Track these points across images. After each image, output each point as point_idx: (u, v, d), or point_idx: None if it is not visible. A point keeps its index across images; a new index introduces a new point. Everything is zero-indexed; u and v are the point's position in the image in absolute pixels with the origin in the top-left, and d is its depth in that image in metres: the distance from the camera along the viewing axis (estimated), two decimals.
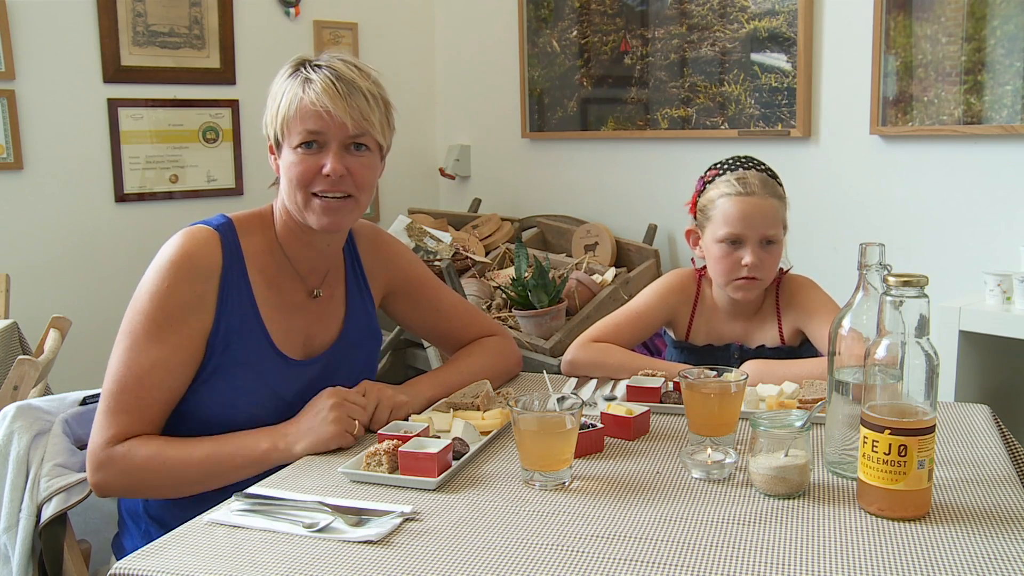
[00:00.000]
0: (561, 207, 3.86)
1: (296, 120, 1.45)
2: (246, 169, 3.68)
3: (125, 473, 1.37)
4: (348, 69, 1.47)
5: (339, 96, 1.44)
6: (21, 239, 3.16)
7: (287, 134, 1.47)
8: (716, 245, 1.81)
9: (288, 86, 1.48)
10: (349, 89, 1.45)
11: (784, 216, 1.83)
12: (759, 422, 1.25)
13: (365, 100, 1.46)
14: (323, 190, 1.47)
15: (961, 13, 2.71)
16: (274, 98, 1.49)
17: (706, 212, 1.85)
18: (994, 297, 2.51)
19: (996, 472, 1.29)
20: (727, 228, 1.78)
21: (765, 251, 1.79)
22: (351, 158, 1.47)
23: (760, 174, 1.83)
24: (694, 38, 3.40)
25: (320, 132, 1.45)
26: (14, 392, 1.90)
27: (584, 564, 1.03)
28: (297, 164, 1.46)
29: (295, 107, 1.45)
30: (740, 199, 1.78)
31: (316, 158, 1.46)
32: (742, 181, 1.80)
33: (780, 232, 1.81)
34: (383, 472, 1.28)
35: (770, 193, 1.80)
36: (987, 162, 2.75)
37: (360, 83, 1.47)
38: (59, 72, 3.21)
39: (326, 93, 1.44)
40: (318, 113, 1.44)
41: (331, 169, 1.45)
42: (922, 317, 1.14)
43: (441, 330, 1.82)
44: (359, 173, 1.48)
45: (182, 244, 1.45)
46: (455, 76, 4.26)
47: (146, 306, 1.41)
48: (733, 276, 1.80)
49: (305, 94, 1.45)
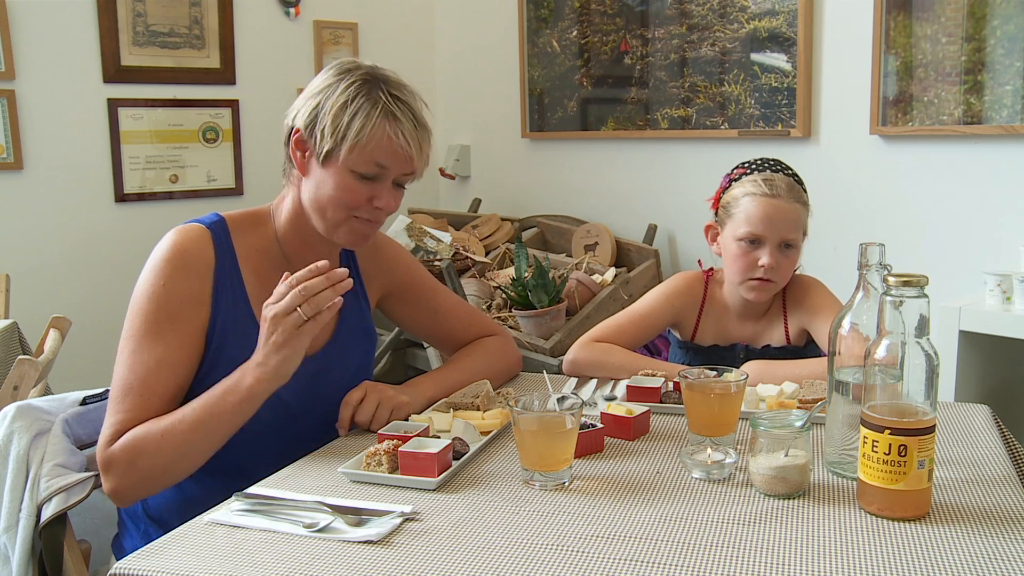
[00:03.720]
0: (561, 207, 3.86)
1: (374, 151, 1.43)
2: (246, 169, 3.69)
3: (128, 464, 1.35)
4: (419, 108, 1.49)
5: (418, 143, 1.46)
6: (21, 239, 3.16)
7: (350, 156, 1.43)
8: (735, 243, 1.81)
9: (364, 106, 1.43)
10: (425, 134, 1.48)
11: (805, 222, 1.83)
12: (759, 422, 1.25)
13: (430, 145, 1.50)
14: (367, 217, 1.49)
15: (961, 13, 2.71)
16: (337, 106, 1.43)
17: (728, 209, 1.84)
18: (994, 297, 2.51)
19: (996, 472, 1.29)
20: (748, 227, 1.78)
21: (783, 254, 1.79)
22: (396, 191, 1.50)
23: (787, 178, 1.82)
24: (694, 38, 3.40)
25: (388, 168, 1.46)
26: (14, 392, 1.90)
27: (584, 564, 1.03)
28: (352, 189, 1.46)
29: (378, 138, 1.43)
30: (764, 200, 1.78)
31: (370, 187, 1.47)
32: (769, 182, 1.80)
33: (799, 237, 1.81)
34: (383, 472, 1.28)
35: (795, 198, 1.80)
36: (987, 162, 2.74)
37: (429, 126, 1.50)
38: (59, 72, 3.21)
39: (412, 138, 1.45)
40: (399, 155, 1.45)
41: (385, 204, 1.48)
42: (922, 317, 1.14)
43: (440, 331, 1.82)
44: (397, 205, 1.52)
45: (175, 241, 1.45)
46: (455, 76, 4.26)
47: (145, 306, 1.41)
48: (748, 275, 1.80)
49: (392, 132, 1.43)
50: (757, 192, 1.79)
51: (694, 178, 3.47)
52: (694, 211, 3.51)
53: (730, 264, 1.84)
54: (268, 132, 3.57)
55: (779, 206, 1.78)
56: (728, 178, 1.89)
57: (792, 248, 1.80)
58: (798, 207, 1.80)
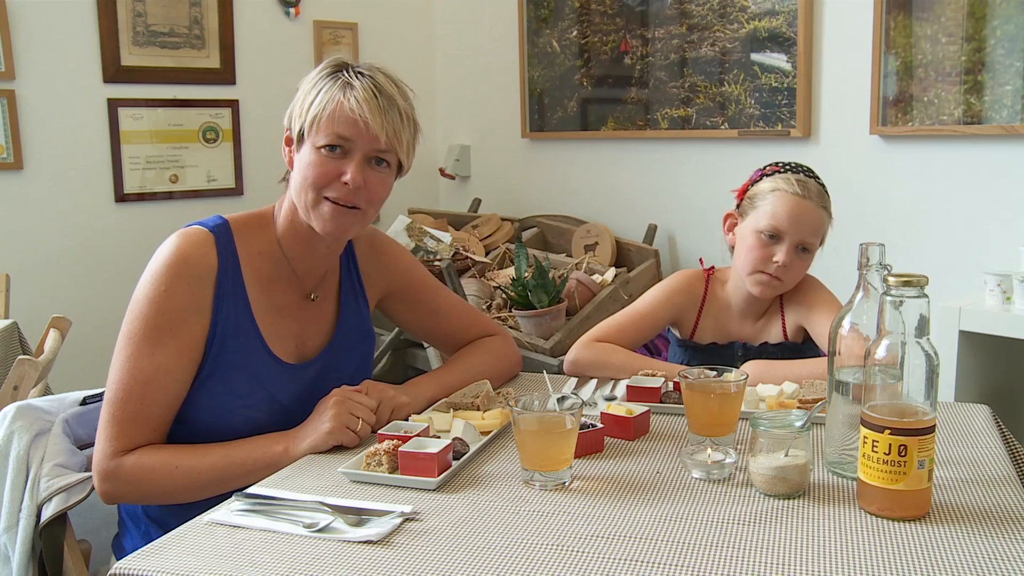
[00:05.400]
0: (561, 207, 3.86)
1: (329, 121, 1.44)
2: (246, 169, 3.69)
3: (134, 483, 1.37)
4: (389, 84, 1.48)
5: (378, 109, 1.44)
6: (21, 239, 3.16)
7: (314, 132, 1.45)
8: (754, 234, 1.82)
9: (326, 85, 1.46)
10: (388, 103, 1.45)
11: (825, 232, 1.85)
12: (759, 422, 1.25)
13: (400, 118, 1.47)
14: (336, 197, 1.46)
15: (961, 13, 2.71)
16: (307, 93, 1.47)
17: (754, 201, 1.85)
18: (994, 297, 2.51)
19: (996, 472, 1.29)
20: (772, 221, 1.79)
21: (798, 256, 1.81)
22: (371, 171, 1.47)
23: (819, 186, 1.84)
24: (694, 38, 3.40)
25: (349, 139, 1.44)
26: (14, 392, 1.90)
27: (584, 564, 1.03)
28: (317, 165, 1.45)
29: (331, 108, 1.43)
30: (794, 198, 1.80)
31: (338, 163, 1.45)
32: (801, 184, 1.81)
33: (816, 244, 1.83)
34: (383, 472, 1.28)
35: (822, 204, 1.82)
36: (987, 162, 2.74)
37: (399, 101, 1.47)
38: (59, 72, 3.21)
39: (366, 103, 1.43)
40: (354, 120, 1.43)
41: (351, 179, 1.44)
42: (922, 317, 1.14)
43: (440, 332, 1.82)
44: (374, 188, 1.48)
45: (177, 247, 1.44)
46: (455, 76, 4.26)
47: (145, 311, 1.41)
48: (759, 268, 1.81)
49: (345, 99, 1.43)
50: (788, 190, 1.80)
51: (694, 178, 3.47)
52: (694, 211, 3.51)
53: (744, 254, 1.84)
54: (268, 132, 3.56)
55: (807, 207, 1.79)
56: (760, 172, 1.90)
57: (807, 253, 1.82)
58: (823, 214, 1.82)
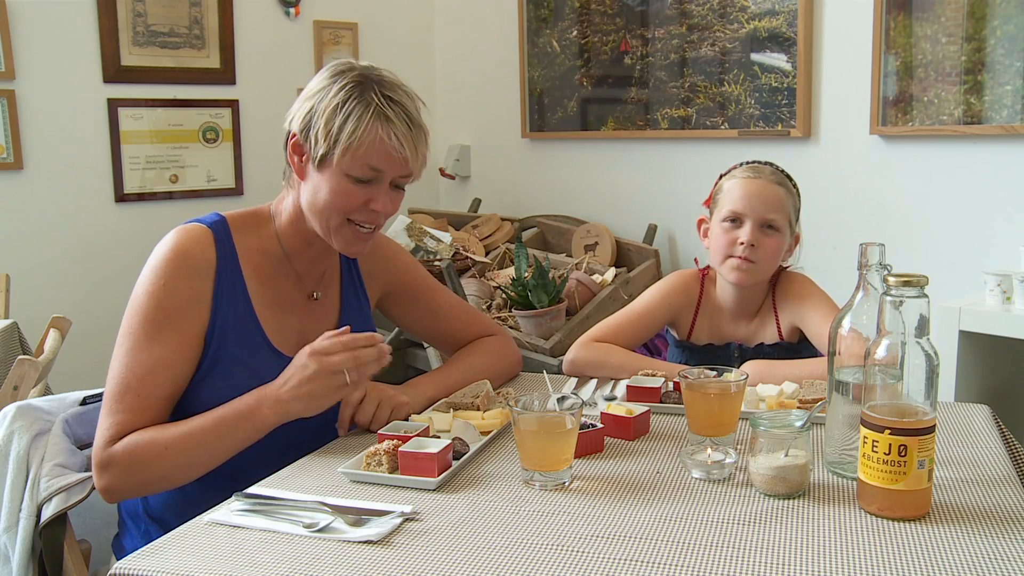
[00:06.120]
0: (561, 207, 3.86)
1: (366, 154, 1.42)
2: (246, 169, 3.68)
3: (128, 469, 1.36)
4: (414, 107, 1.47)
5: (413, 143, 1.44)
6: (21, 239, 3.16)
7: (346, 160, 1.42)
8: (718, 225, 1.85)
9: (357, 109, 1.41)
10: (419, 134, 1.46)
11: (789, 209, 1.85)
12: (759, 422, 1.25)
13: (425, 143, 1.48)
14: (362, 221, 1.48)
15: (961, 13, 2.71)
16: (330, 110, 1.42)
17: (716, 199, 1.90)
18: (994, 297, 2.51)
19: (996, 472, 1.29)
20: (729, 206, 1.84)
21: (764, 235, 1.81)
22: (393, 194, 1.49)
23: (776, 170, 1.88)
24: (694, 38, 3.40)
25: (383, 171, 1.45)
26: (14, 392, 1.90)
27: (584, 564, 1.03)
28: (347, 194, 1.45)
29: (369, 141, 1.41)
30: (746, 181, 1.84)
31: (366, 191, 1.46)
32: (753, 169, 1.87)
33: (781, 220, 1.83)
34: (383, 472, 1.28)
35: (776, 181, 1.84)
36: (987, 162, 2.74)
37: (424, 126, 1.48)
38: (59, 72, 3.21)
39: (405, 139, 1.43)
40: (393, 157, 1.43)
41: (381, 207, 1.46)
42: (922, 317, 1.14)
43: (440, 331, 1.82)
44: (395, 208, 1.50)
45: (176, 241, 1.45)
46: (455, 76, 4.26)
47: (144, 305, 1.41)
48: (728, 253, 1.82)
49: (385, 134, 1.41)
50: (740, 176, 1.86)
51: (694, 178, 3.47)
52: (694, 211, 3.49)
53: (714, 248, 1.87)
54: (268, 132, 3.57)
55: (758, 184, 1.83)
56: (720, 176, 1.94)
57: (775, 231, 1.82)
58: (779, 189, 1.84)
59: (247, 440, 1.39)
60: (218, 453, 1.38)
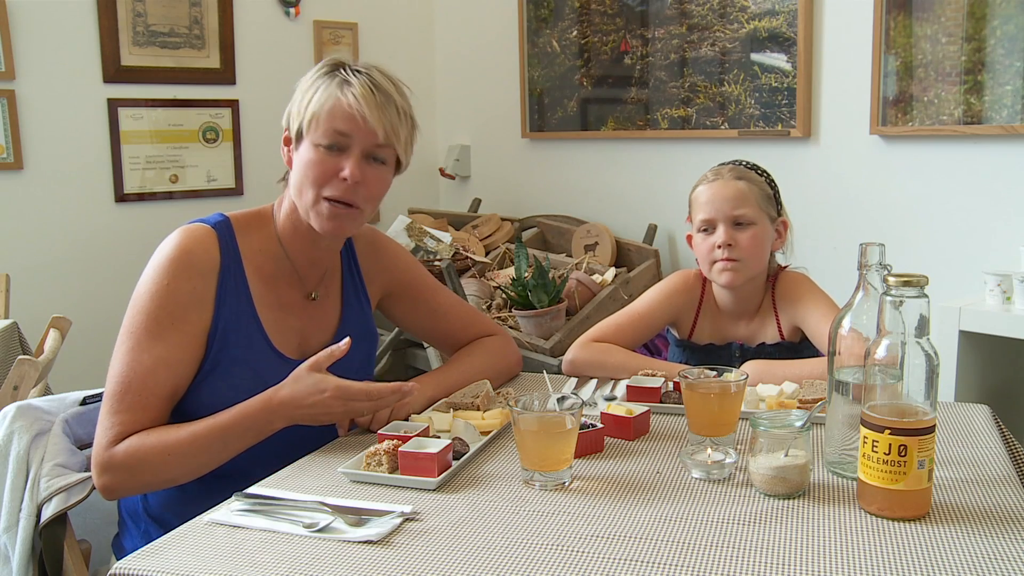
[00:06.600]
0: (561, 207, 3.86)
1: (327, 119, 1.45)
2: (246, 169, 3.69)
3: (129, 472, 1.36)
4: (386, 81, 1.49)
5: (375, 105, 1.45)
6: (21, 239, 3.16)
7: (312, 130, 1.46)
8: (698, 235, 1.87)
9: (324, 83, 1.47)
10: (385, 99, 1.47)
11: (758, 199, 1.83)
12: (759, 422, 1.25)
13: (397, 114, 1.48)
14: (335, 195, 1.47)
15: (961, 13, 2.71)
16: (304, 92, 1.49)
17: (691, 210, 1.91)
18: (994, 297, 2.51)
19: (996, 472, 1.29)
20: (700, 215, 1.85)
21: (738, 231, 1.81)
22: (369, 168, 1.48)
23: (736, 167, 1.88)
24: (694, 38, 3.40)
25: (348, 135, 1.45)
26: (14, 392, 1.90)
27: (584, 564, 1.03)
28: (317, 163, 1.46)
29: (329, 105, 1.45)
30: (708, 186, 1.86)
31: (336, 160, 1.46)
32: (714, 172, 1.89)
33: (752, 213, 1.82)
34: (383, 472, 1.28)
35: (736, 176, 1.85)
36: (987, 162, 2.74)
37: (396, 97, 1.49)
38: (59, 72, 3.21)
39: (364, 99, 1.44)
40: (351, 116, 1.44)
41: (349, 174, 1.45)
42: (922, 317, 1.14)
43: (440, 331, 1.82)
44: (373, 184, 1.49)
45: (180, 241, 1.45)
46: (455, 76, 4.26)
47: (147, 304, 1.41)
48: (711, 259, 1.83)
49: (342, 95, 1.44)
50: (704, 184, 1.88)
51: (694, 178, 3.42)
52: None
53: (699, 258, 1.88)
54: (268, 132, 3.55)
55: (719, 186, 1.85)
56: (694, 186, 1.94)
57: (748, 225, 1.82)
58: (740, 184, 1.84)
59: (250, 445, 1.41)
60: (221, 457, 1.40)
